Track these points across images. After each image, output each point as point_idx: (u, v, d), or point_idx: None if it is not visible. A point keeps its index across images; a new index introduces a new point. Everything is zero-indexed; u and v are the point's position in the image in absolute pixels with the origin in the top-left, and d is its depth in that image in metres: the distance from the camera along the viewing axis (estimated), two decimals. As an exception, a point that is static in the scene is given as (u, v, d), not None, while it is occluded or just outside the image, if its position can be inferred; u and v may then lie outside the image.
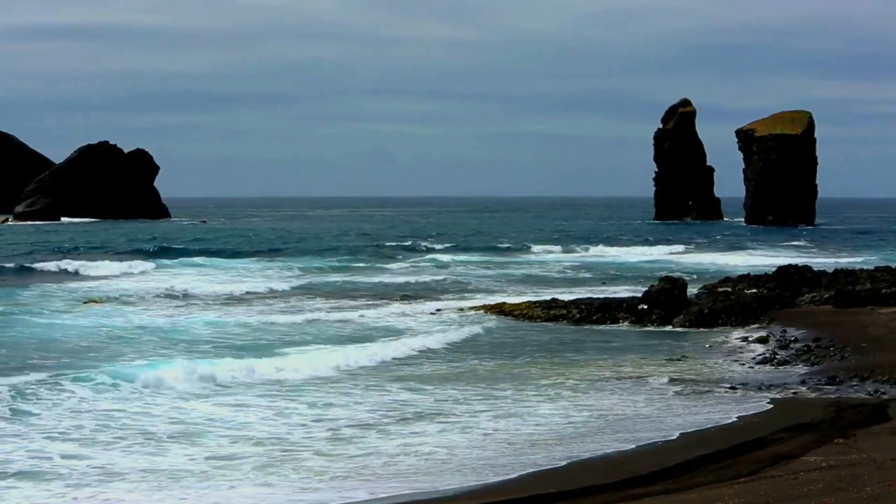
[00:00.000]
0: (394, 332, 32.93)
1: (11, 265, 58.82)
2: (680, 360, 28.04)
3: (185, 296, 43.94)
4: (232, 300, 42.94)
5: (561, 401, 22.18)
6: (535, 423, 20.01)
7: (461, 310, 38.85)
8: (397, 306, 40.52)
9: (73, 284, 49.50)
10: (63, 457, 17.00)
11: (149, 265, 60.61)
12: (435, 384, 24.21)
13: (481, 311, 38.34)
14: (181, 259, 66.56)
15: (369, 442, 18.54)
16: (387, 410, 21.17)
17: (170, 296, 43.83)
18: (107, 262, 61.56)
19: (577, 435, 18.97)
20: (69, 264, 59.27)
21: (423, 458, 17.33)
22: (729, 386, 23.84)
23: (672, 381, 24.61)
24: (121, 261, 64.24)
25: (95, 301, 40.98)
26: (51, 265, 58.57)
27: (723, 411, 20.57)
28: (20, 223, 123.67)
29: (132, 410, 20.67)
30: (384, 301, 42.76)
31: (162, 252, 71.85)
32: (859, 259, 65.80)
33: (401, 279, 53.20)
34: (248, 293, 45.29)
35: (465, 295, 45.28)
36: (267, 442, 18.47)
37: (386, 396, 22.71)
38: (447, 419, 20.34)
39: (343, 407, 21.47)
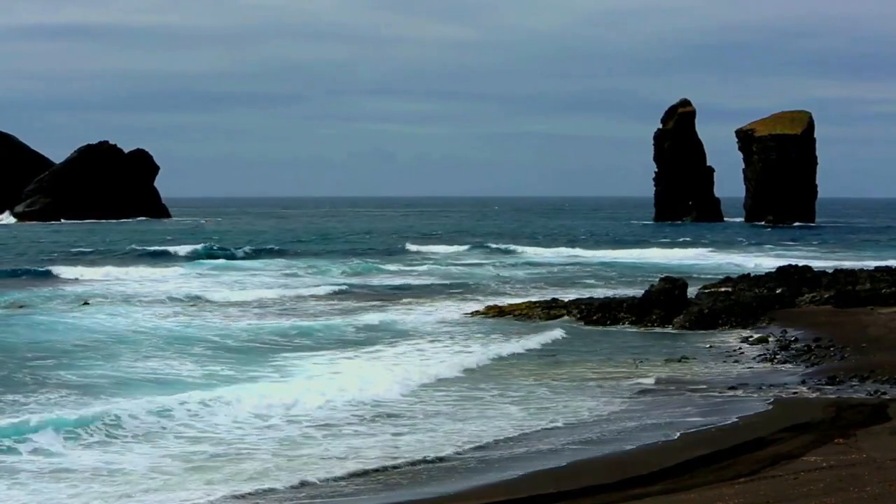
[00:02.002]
0: (418, 336, 32.45)
1: (11, 267, 58.71)
2: (679, 360, 28.03)
3: (189, 297, 43.46)
4: (238, 302, 42.36)
5: (533, 402, 22.23)
6: (495, 425, 20.01)
7: (475, 312, 38.72)
8: (411, 308, 40.43)
9: (73, 286, 49.49)
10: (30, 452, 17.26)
11: (151, 266, 60.63)
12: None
13: (482, 313, 38.36)
14: (184, 260, 66.62)
15: (320, 442, 18.70)
16: (358, 411, 21.24)
17: (171, 297, 43.63)
18: (107, 264, 61.54)
19: (522, 438, 19.03)
20: (70, 265, 59.24)
21: (362, 462, 17.30)
22: (729, 386, 23.84)
23: (657, 382, 24.67)
24: (122, 262, 64.27)
25: (89, 303, 40.81)
26: (51, 266, 58.43)
27: (723, 411, 20.56)
28: (20, 223, 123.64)
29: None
30: (387, 303, 42.67)
31: (164, 254, 71.60)
32: (859, 259, 65.77)
33: (403, 280, 53.25)
34: (254, 294, 45.02)
35: (466, 295, 45.25)
36: (225, 442, 18.61)
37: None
38: (404, 421, 20.54)
39: (322, 408, 21.52)
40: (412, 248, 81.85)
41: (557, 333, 32.54)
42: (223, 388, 22.80)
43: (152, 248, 75.55)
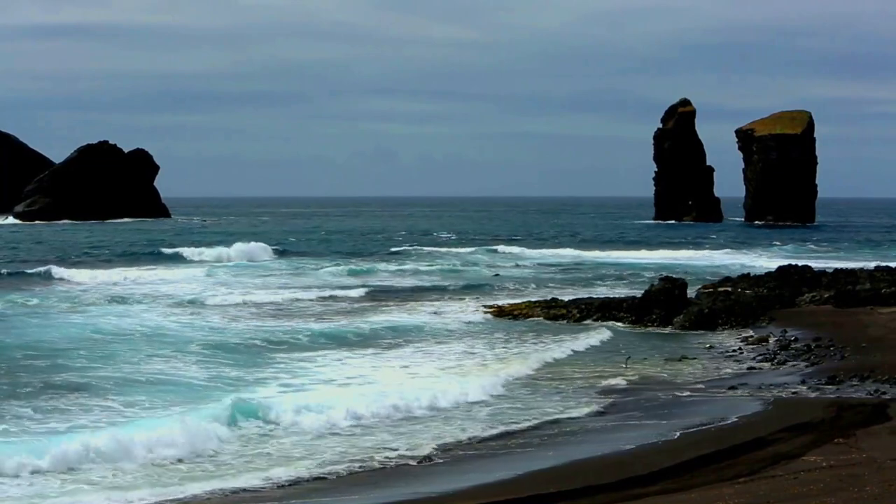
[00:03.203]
0: (423, 338, 32.31)
1: (10, 267, 58.60)
2: (679, 360, 28.05)
3: (190, 298, 43.04)
4: (240, 303, 41.75)
5: (503, 403, 22.45)
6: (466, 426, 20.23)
7: (487, 310, 38.76)
8: (413, 308, 40.30)
9: (73, 287, 49.40)
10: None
11: (151, 267, 60.58)
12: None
13: (484, 312, 38.41)
14: (185, 261, 66.50)
15: (275, 439, 19.07)
16: (353, 413, 21.18)
17: (172, 298, 43.48)
18: (108, 264, 61.50)
19: (502, 437, 19.27)
20: (70, 265, 59.17)
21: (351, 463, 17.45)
22: (728, 386, 23.85)
23: (656, 381, 24.76)
24: (122, 262, 64.21)
25: (89, 303, 40.77)
26: (51, 266, 58.10)
27: (723, 411, 20.57)
28: (20, 223, 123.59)
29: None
30: (390, 304, 42.48)
31: (165, 254, 71.26)
32: (859, 259, 65.76)
33: (405, 281, 53.26)
34: (256, 295, 44.63)
35: (468, 296, 45.22)
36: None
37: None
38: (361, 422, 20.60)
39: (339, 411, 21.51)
40: (414, 248, 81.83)
41: (605, 335, 32.49)
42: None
43: (153, 249, 75.36)
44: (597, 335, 32.40)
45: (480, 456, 17.75)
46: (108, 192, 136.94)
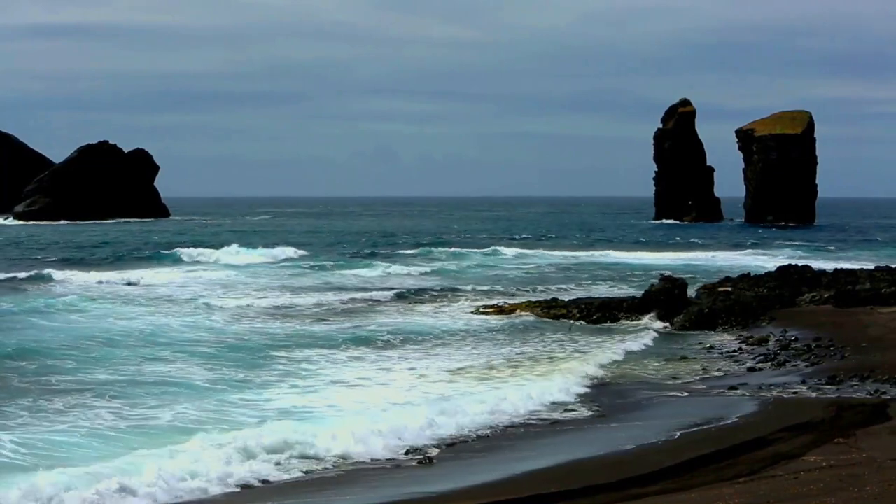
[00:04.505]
0: (428, 339, 32.10)
1: (9, 267, 58.57)
2: (679, 360, 28.06)
3: (192, 299, 42.95)
4: (242, 304, 41.34)
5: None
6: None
7: (487, 310, 38.78)
8: (416, 309, 40.21)
9: (74, 287, 49.28)
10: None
11: (151, 268, 60.53)
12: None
13: (483, 311, 38.42)
14: (185, 261, 66.42)
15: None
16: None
17: (173, 299, 43.43)
18: (108, 265, 61.49)
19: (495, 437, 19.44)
20: (70, 266, 59.14)
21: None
22: (728, 386, 23.86)
23: (657, 381, 24.72)
24: (123, 263, 64.17)
25: (90, 304, 40.76)
26: (51, 267, 58.14)
27: (723, 411, 20.58)
28: (19, 223, 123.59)
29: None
30: (392, 305, 42.31)
31: (165, 255, 71.15)
32: (859, 259, 65.75)
33: (407, 282, 53.19)
34: (259, 296, 44.55)
35: (466, 296, 45.23)
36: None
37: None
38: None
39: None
40: (415, 248, 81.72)
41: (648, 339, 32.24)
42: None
43: (154, 249, 75.32)
44: (597, 336, 32.44)
45: (480, 456, 17.76)
46: (108, 192, 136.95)
